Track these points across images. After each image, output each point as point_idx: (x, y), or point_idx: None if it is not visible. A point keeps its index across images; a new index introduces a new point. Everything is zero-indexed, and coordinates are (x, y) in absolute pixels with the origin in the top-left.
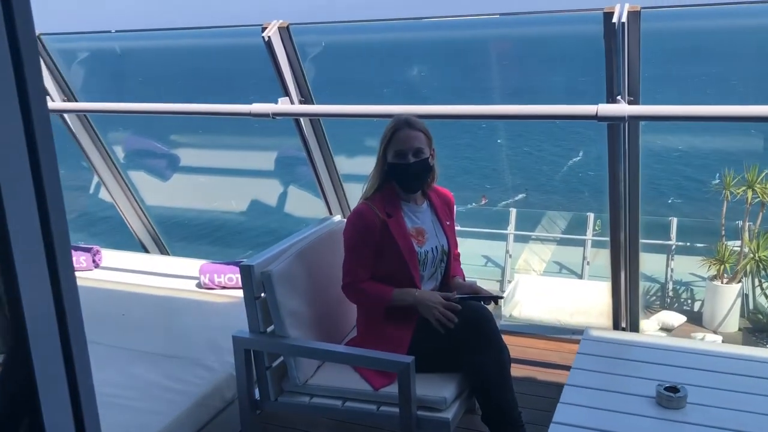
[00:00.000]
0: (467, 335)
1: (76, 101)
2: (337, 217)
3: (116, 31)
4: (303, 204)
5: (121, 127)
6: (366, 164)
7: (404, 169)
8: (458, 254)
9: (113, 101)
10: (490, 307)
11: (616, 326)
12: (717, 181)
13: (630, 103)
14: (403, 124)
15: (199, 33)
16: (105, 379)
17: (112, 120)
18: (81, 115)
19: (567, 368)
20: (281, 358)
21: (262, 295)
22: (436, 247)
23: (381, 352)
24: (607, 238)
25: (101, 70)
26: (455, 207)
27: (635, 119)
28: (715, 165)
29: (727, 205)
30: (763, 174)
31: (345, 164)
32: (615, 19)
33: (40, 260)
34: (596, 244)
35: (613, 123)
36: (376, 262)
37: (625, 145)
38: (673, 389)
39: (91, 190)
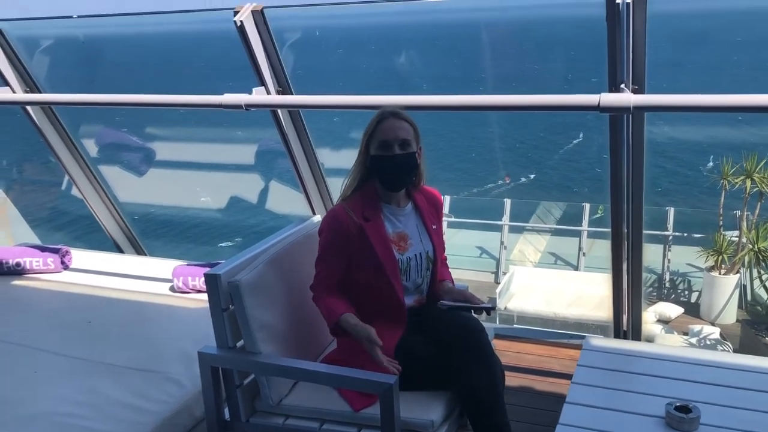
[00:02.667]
0: (456, 352)
1: (40, 92)
2: (316, 218)
3: (78, 16)
4: (285, 200)
5: (93, 120)
6: (352, 158)
7: (388, 162)
8: (445, 258)
9: (80, 92)
10: (482, 317)
11: (617, 324)
12: (711, 164)
13: (635, 92)
14: (389, 114)
15: (168, 19)
16: (63, 395)
17: (82, 112)
18: (46, 107)
19: (567, 377)
20: (252, 376)
21: (231, 306)
22: (420, 254)
23: (361, 371)
24: (605, 229)
25: (67, 58)
26: (444, 207)
27: (640, 110)
28: (711, 152)
29: (725, 194)
30: (762, 163)
31: (329, 157)
32: (619, 0)
33: None
34: (592, 235)
35: (617, 114)
36: (353, 271)
37: (628, 135)
38: (685, 409)
39: (63, 187)
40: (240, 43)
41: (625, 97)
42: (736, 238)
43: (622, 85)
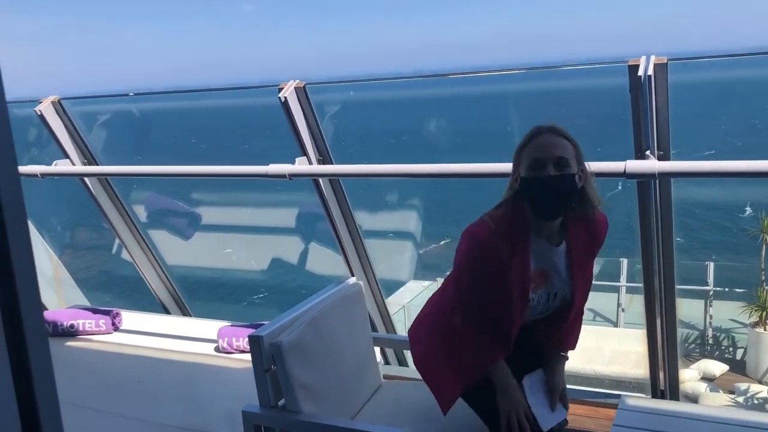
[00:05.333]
0: None
1: (97, 164)
2: (352, 280)
3: (134, 94)
4: (324, 262)
5: (143, 186)
6: (386, 220)
7: (540, 184)
8: (582, 309)
9: (134, 162)
10: None
11: (654, 382)
12: (748, 210)
13: (660, 158)
14: (545, 129)
15: (217, 93)
16: None
17: (133, 179)
18: (102, 178)
19: None
20: None
21: (273, 367)
22: (555, 294)
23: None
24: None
25: (122, 131)
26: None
27: (666, 176)
28: (746, 204)
29: (766, 249)
30: None
31: (366, 220)
32: (641, 72)
33: None
34: (631, 290)
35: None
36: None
37: (656, 198)
38: None
39: (114, 250)
40: (281, 114)
41: (650, 164)
42: None
43: (648, 152)
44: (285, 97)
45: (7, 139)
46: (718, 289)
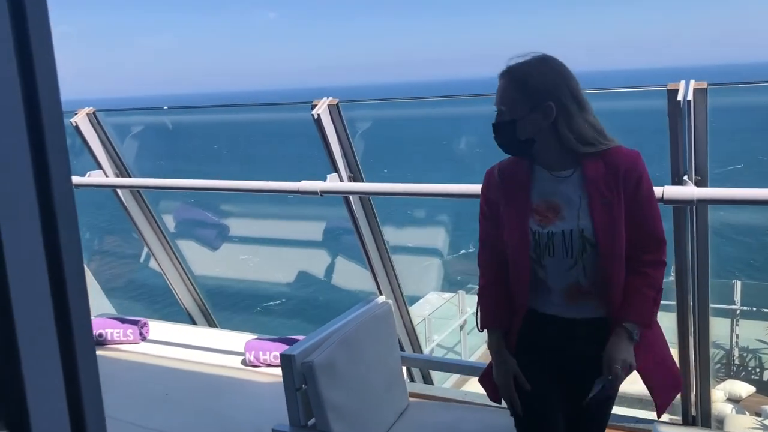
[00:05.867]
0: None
1: (129, 176)
2: (381, 298)
3: (168, 108)
4: (350, 276)
5: (173, 197)
6: (413, 235)
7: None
8: (621, 253)
9: (165, 174)
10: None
11: (685, 405)
12: None
13: (697, 183)
14: (502, 72)
15: (250, 108)
16: None
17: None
18: (134, 189)
19: None
20: None
21: (304, 386)
22: (571, 230)
23: None
24: (670, 302)
25: (155, 143)
26: (642, 176)
27: (704, 203)
28: None
29: None
30: None
31: (392, 235)
32: (680, 97)
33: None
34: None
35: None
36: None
37: (692, 223)
38: None
39: (142, 259)
40: (313, 131)
41: (688, 191)
42: None
43: (685, 177)
44: (318, 114)
45: (62, 149)
46: (745, 308)
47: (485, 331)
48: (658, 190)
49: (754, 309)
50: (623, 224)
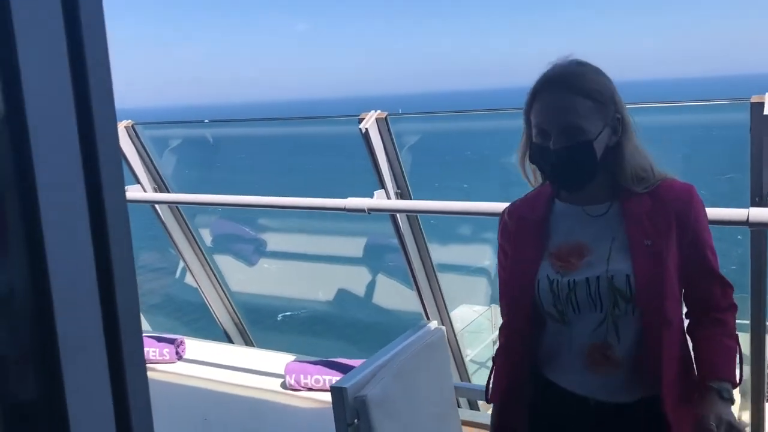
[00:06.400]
0: None
1: (168, 191)
2: (434, 324)
3: (209, 121)
4: (392, 294)
5: (210, 210)
6: (460, 254)
7: (546, 156)
8: (668, 316)
9: (205, 189)
10: None
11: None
12: None
13: None
14: (552, 81)
15: (292, 121)
16: None
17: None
18: (173, 205)
19: None
20: None
21: (356, 421)
22: (598, 277)
23: None
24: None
25: (194, 157)
26: (700, 215)
27: None
28: None
29: None
30: None
31: (436, 253)
32: (766, 111)
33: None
34: None
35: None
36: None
37: None
38: None
39: (177, 275)
40: (360, 145)
41: None
42: None
43: None
44: (366, 129)
45: (116, 162)
46: None
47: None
48: (741, 212)
49: None
50: (675, 279)
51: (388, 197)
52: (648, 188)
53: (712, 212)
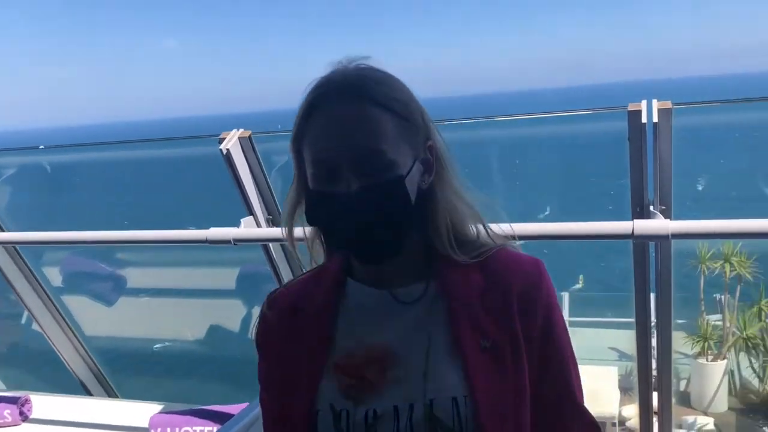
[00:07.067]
0: None
1: (2, 230)
2: None
3: (44, 147)
4: None
5: (58, 246)
6: None
7: (331, 207)
8: None
9: (45, 224)
10: None
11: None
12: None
13: (662, 213)
14: (333, 91)
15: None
16: None
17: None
18: (9, 246)
19: None
20: None
21: None
22: (411, 405)
23: None
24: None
25: (31, 187)
26: (551, 300)
27: (680, 237)
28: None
29: (704, 279)
30: (739, 246)
31: None
32: (644, 119)
33: None
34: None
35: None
36: None
37: (657, 260)
38: None
39: (23, 320)
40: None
41: (662, 225)
42: (718, 322)
43: (651, 207)
44: (227, 149)
45: None
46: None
47: None
48: (626, 225)
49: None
50: (526, 402)
51: (258, 225)
52: (477, 258)
53: (596, 226)
